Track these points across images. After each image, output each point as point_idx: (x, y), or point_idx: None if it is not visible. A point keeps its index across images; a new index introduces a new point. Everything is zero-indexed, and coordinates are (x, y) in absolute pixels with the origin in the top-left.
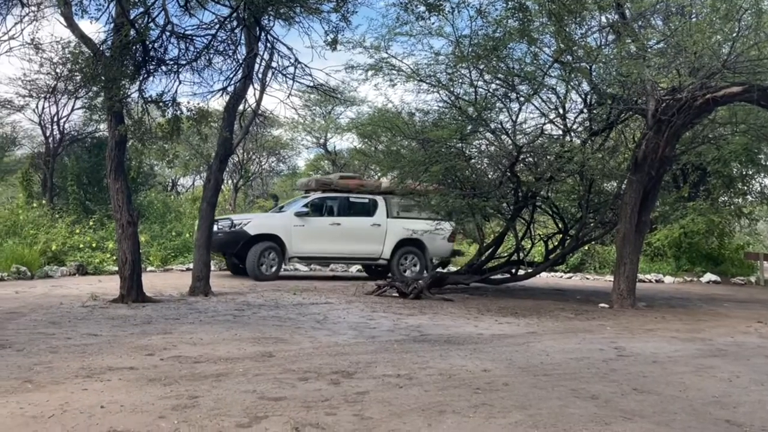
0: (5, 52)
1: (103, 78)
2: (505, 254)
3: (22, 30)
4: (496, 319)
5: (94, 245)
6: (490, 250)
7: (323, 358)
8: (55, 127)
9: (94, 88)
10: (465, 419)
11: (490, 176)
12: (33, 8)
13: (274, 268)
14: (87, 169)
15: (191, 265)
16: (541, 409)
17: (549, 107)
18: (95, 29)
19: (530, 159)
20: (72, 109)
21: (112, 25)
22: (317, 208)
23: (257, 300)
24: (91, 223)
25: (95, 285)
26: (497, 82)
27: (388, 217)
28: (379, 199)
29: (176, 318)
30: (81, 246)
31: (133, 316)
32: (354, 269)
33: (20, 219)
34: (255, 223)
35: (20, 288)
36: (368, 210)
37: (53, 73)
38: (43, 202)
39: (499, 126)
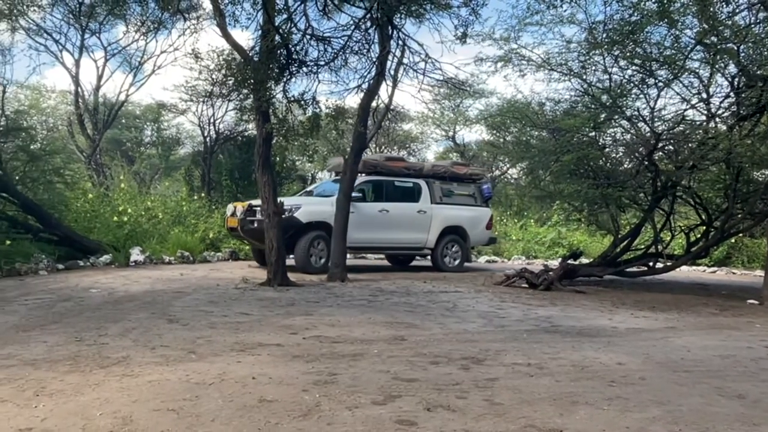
0: (171, 62)
1: (252, 81)
2: (642, 246)
3: (184, 42)
4: (632, 313)
5: None
6: (626, 242)
7: (453, 344)
8: (211, 127)
9: (245, 91)
10: (599, 411)
11: (625, 165)
12: (193, 21)
13: (323, 260)
14: (238, 164)
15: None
16: (681, 406)
17: (691, 92)
18: (245, 37)
19: (670, 147)
20: (225, 111)
21: (260, 31)
22: (365, 193)
23: (389, 287)
24: None
25: (245, 269)
26: (633, 67)
27: (432, 202)
28: (423, 183)
29: (316, 301)
30: None
31: (278, 298)
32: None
33: (184, 210)
34: (306, 209)
35: (184, 271)
36: (413, 195)
37: (210, 79)
38: (203, 195)
39: (636, 113)
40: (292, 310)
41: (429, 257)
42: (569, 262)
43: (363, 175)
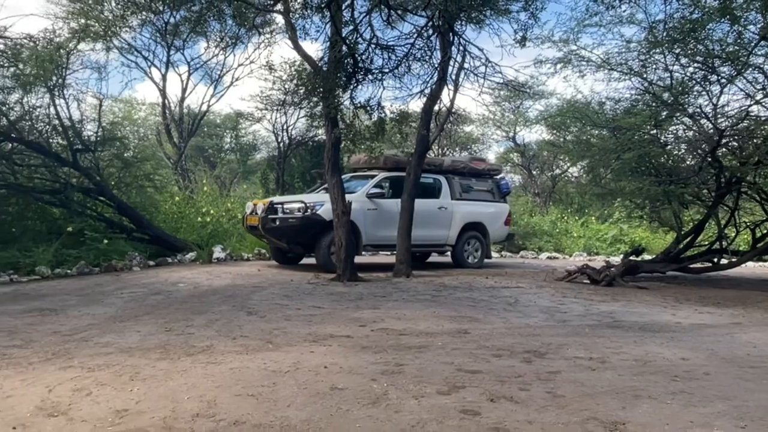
0: (248, 74)
1: (321, 89)
2: (706, 242)
3: (259, 55)
4: (696, 309)
5: None
6: (689, 239)
7: (515, 338)
8: (284, 133)
9: (315, 99)
10: (662, 405)
11: (688, 162)
12: (267, 36)
13: None
14: (309, 168)
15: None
16: (747, 402)
17: (755, 87)
18: (315, 48)
19: (734, 143)
20: (297, 118)
21: (328, 43)
22: (386, 190)
23: (452, 282)
24: None
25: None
26: (695, 65)
27: (452, 198)
28: (442, 179)
29: (383, 296)
30: None
31: (347, 292)
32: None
33: None
34: (329, 207)
35: (261, 267)
36: (433, 191)
37: (282, 88)
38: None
39: (698, 110)
40: (360, 304)
41: (449, 254)
42: (631, 258)
43: (384, 171)
